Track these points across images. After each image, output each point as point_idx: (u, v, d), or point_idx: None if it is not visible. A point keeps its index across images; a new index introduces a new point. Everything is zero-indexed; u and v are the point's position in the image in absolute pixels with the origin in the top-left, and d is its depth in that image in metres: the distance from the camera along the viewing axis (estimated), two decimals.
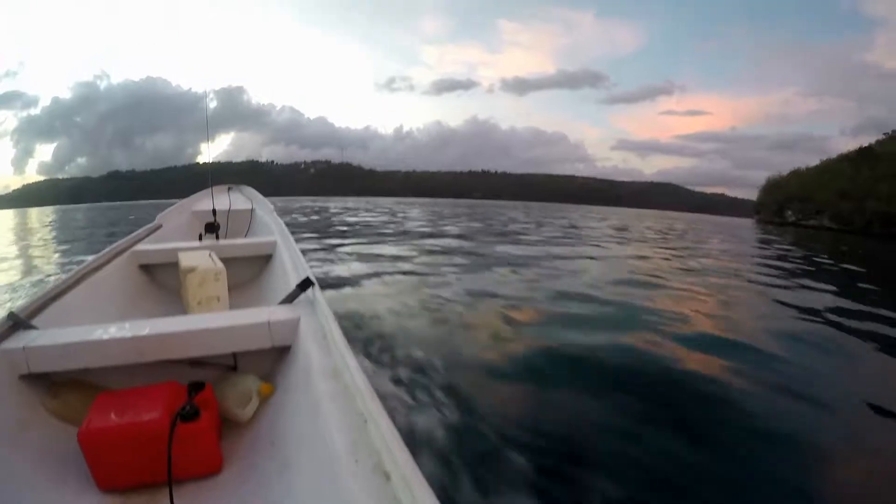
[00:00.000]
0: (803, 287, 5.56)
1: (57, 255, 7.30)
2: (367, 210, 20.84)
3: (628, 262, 6.95)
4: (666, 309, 3.81)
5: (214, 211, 3.07)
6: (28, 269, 5.62)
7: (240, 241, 2.69)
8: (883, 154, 57.97)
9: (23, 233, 14.67)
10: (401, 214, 14.88)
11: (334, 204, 32.58)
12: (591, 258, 7.00)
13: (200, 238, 2.75)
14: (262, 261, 2.51)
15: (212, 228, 2.93)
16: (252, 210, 3.46)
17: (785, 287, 5.44)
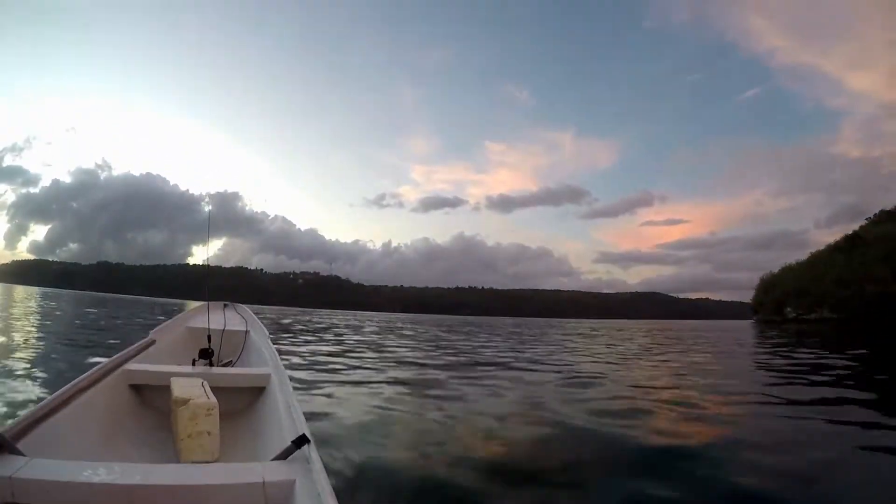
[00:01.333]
0: None
1: (35, 339, 7.13)
2: (356, 326, 19.97)
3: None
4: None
5: (210, 337, 3.01)
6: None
7: (234, 370, 2.66)
8: (871, 238, 59.55)
9: (4, 308, 15.47)
10: (391, 336, 13.91)
11: (322, 317, 31.54)
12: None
13: (194, 363, 2.72)
14: (255, 391, 2.46)
15: (206, 354, 2.89)
16: (247, 332, 3.39)
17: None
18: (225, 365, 2.90)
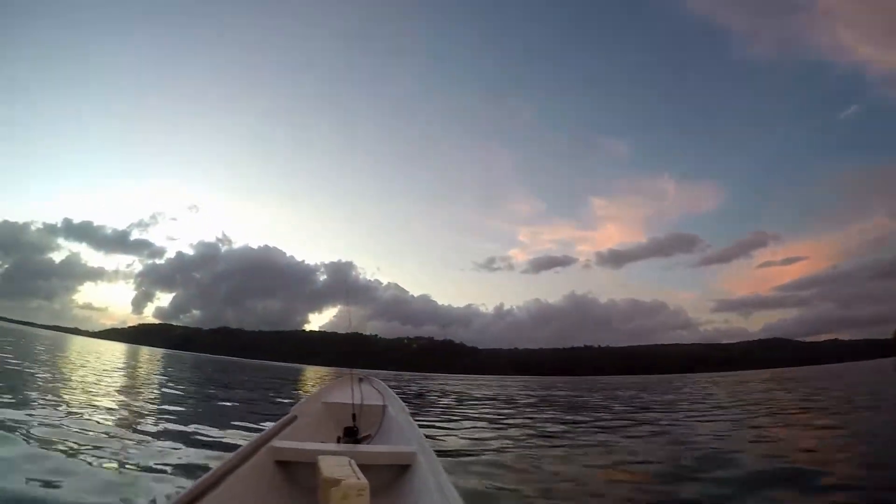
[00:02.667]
0: None
1: (159, 398, 7.91)
2: (481, 392, 17.67)
3: None
4: None
5: (355, 415, 3.00)
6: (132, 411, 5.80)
7: (379, 448, 2.58)
8: None
9: (133, 366, 17.16)
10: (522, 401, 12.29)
11: (442, 382, 28.96)
12: None
13: (338, 440, 2.75)
14: (398, 469, 2.35)
15: (351, 432, 2.86)
16: (384, 407, 3.34)
17: None
18: (363, 440, 2.87)
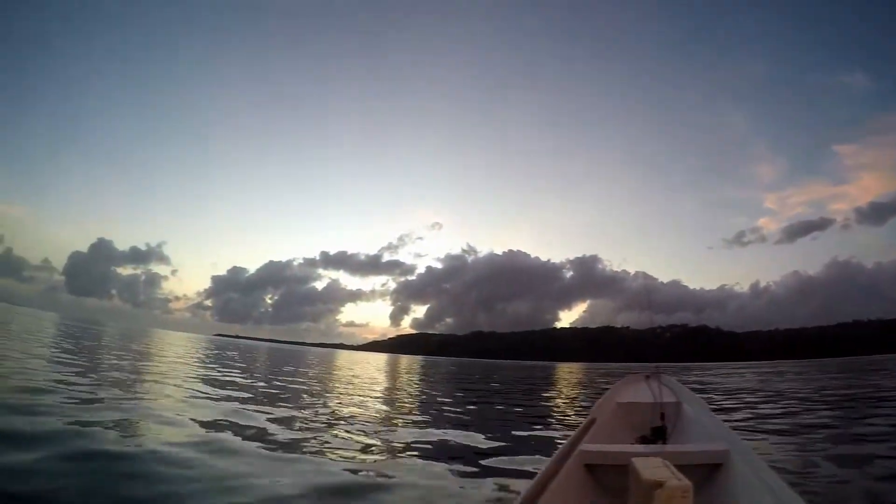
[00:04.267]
0: None
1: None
2: (748, 383, 15.70)
3: None
4: None
5: (663, 415, 2.86)
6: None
7: (690, 447, 2.45)
8: None
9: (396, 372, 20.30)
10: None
11: (705, 373, 25.57)
12: None
13: (644, 440, 2.67)
14: (708, 469, 2.21)
15: (659, 433, 2.75)
16: (679, 404, 3.16)
17: None
18: (664, 440, 2.76)
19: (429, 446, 4.44)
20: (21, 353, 9.26)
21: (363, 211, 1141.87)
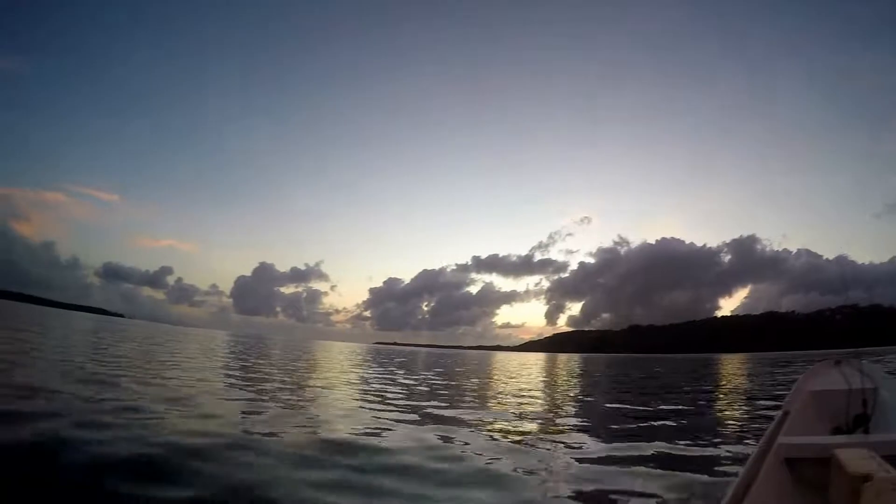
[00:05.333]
0: None
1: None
2: None
3: None
4: None
5: (865, 402, 2.63)
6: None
7: None
8: None
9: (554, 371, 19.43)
10: None
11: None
12: None
13: (840, 430, 2.51)
14: None
15: (862, 421, 2.52)
16: (876, 390, 2.96)
17: None
18: (862, 429, 2.59)
19: (636, 453, 4.15)
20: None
21: (510, 213, 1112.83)
